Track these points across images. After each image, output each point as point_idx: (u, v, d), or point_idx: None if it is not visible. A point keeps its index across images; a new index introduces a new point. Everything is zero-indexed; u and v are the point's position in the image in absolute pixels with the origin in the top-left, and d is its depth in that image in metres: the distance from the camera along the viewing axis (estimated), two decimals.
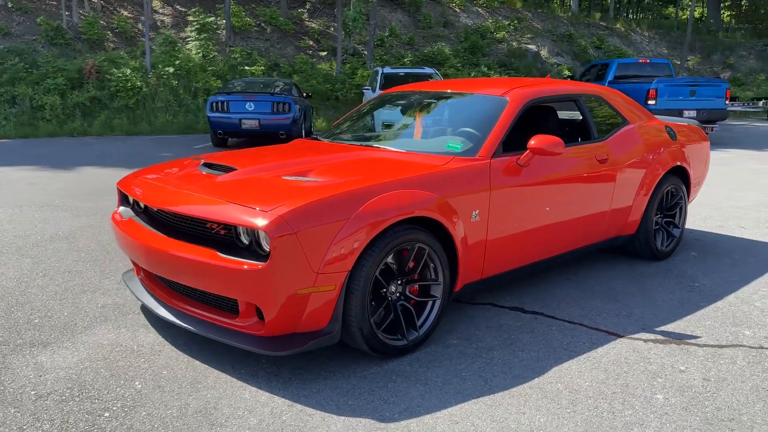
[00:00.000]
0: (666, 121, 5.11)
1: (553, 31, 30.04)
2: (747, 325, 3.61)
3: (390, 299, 3.12)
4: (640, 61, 14.92)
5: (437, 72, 14.80)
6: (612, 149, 4.32)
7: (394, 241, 2.99)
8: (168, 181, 3.36)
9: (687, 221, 6.03)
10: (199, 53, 19.91)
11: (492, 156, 3.58)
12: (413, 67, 16.59)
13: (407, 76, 14.57)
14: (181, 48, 19.70)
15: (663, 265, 4.75)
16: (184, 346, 3.26)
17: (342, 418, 2.59)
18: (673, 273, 4.57)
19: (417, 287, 3.25)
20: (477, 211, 3.40)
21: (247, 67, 19.90)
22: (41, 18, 19.27)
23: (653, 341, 3.38)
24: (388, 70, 14.52)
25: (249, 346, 2.85)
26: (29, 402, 2.68)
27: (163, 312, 3.22)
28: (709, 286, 4.27)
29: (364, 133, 4.33)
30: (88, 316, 3.65)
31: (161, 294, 3.37)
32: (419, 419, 2.59)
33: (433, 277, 3.25)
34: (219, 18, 22.15)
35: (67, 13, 20.33)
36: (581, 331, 3.51)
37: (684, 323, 3.63)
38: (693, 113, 12.42)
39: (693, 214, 6.51)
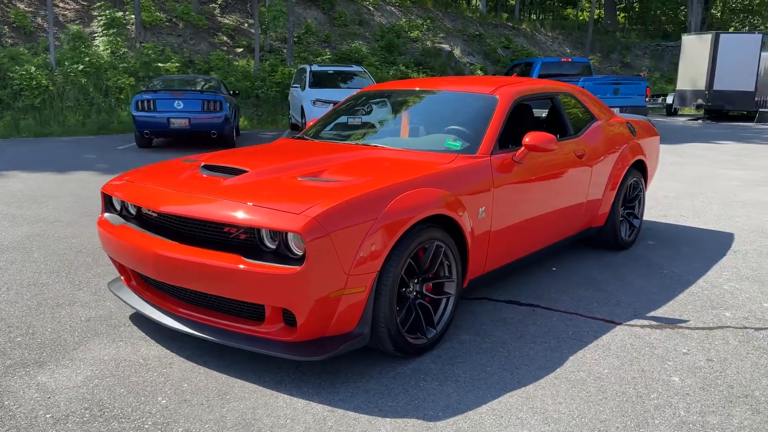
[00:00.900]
0: (623, 118, 5.38)
1: (464, 31, 30.80)
2: (724, 308, 3.87)
3: (410, 298, 3.11)
4: (562, 60, 15.60)
5: (366, 70, 14.83)
6: (586, 145, 4.50)
7: (416, 240, 2.98)
8: (171, 185, 3.18)
9: None
10: (108, 50, 18.95)
11: (491, 153, 3.65)
12: (342, 65, 16.52)
13: (336, 74, 14.52)
14: (90, 44, 18.66)
15: (628, 254, 5.00)
16: (194, 357, 3.12)
17: (388, 420, 2.56)
18: (641, 261, 4.82)
19: (431, 285, 3.26)
20: (483, 208, 3.45)
21: (161, 64, 19.13)
22: None
23: (649, 327, 3.56)
24: (316, 68, 14.39)
25: (280, 353, 2.77)
26: (48, 426, 2.48)
27: (172, 322, 3.06)
28: (678, 272, 4.54)
29: (355, 132, 4.28)
30: (75, 331, 3.41)
31: (164, 303, 3.21)
32: (464, 416, 2.60)
33: (447, 275, 3.27)
34: (128, 13, 21.14)
35: None
36: (580, 321, 3.64)
37: (669, 309, 3.84)
38: (617, 110, 13.11)
39: None
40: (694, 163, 10.43)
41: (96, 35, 19.38)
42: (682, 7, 39.54)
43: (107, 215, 3.51)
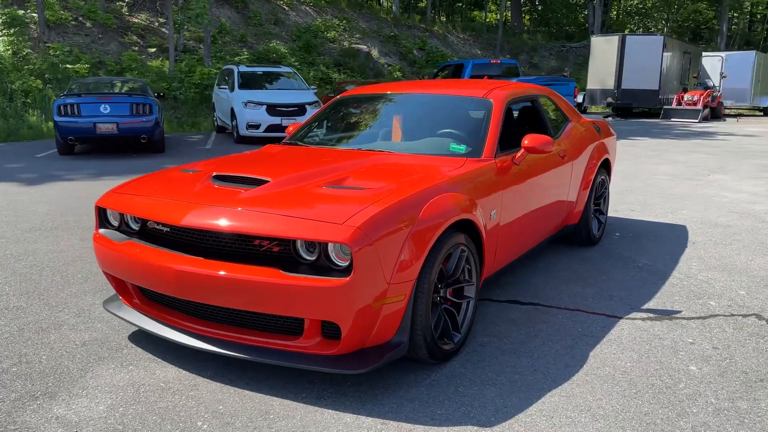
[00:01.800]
0: (587, 118, 5.59)
1: (379, 32, 30.99)
2: (707, 297, 4.09)
3: (439, 304, 3.10)
4: (492, 62, 16.02)
5: (295, 71, 14.63)
6: (565, 145, 4.64)
7: (446, 245, 2.97)
8: (187, 197, 3.00)
9: None
10: (9, 50, 17.71)
11: (495, 156, 3.69)
12: (271, 66, 16.20)
13: (265, 74, 14.25)
14: None
15: (600, 249, 5.20)
16: (218, 376, 2.96)
17: (445, 428, 2.54)
18: (614, 256, 5.03)
19: (452, 289, 3.26)
20: (495, 210, 3.49)
21: (69, 66, 18.08)
22: None
23: (648, 319, 3.72)
24: (244, 68, 14.06)
25: (323, 367, 2.68)
26: None
27: (194, 341, 2.89)
28: (651, 265, 4.77)
29: (352, 137, 4.19)
30: (74, 356, 3.16)
31: (179, 322, 3.03)
32: (516, 419, 2.62)
33: (467, 278, 3.28)
34: (30, 11, 19.81)
35: None
36: (584, 316, 3.75)
37: (659, 301, 4.02)
38: None
39: None
40: (621, 160, 10.99)
41: None
42: (582, 11, 41.62)
43: (104, 231, 3.28)
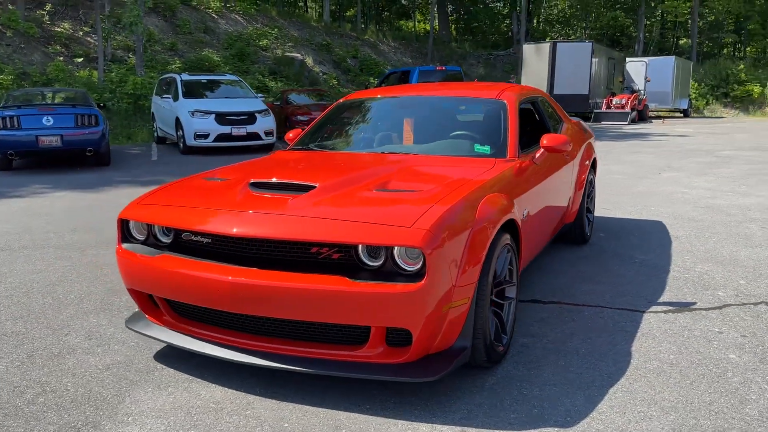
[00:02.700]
0: (573, 119, 5.70)
1: (311, 40, 30.82)
2: (714, 288, 4.23)
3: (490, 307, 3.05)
4: (437, 69, 16.19)
5: (241, 79, 14.31)
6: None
7: (498, 246, 2.93)
8: (231, 206, 2.82)
9: None
10: None
11: (518, 156, 3.69)
12: (215, 74, 15.77)
13: (210, 82, 13.86)
14: None
15: (592, 247, 5.30)
16: (269, 393, 2.80)
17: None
18: (608, 253, 5.13)
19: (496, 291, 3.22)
20: (527, 209, 3.49)
21: None
22: None
23: (669, 312, 3.80)
24: (187, 77, 13.62)
25: (394, 376, 2.57)
26: None
27: (248, 358, 2.72)
28: (648, 260, 4.90)
29: (368, 140, 4.08)
30: (103, 382, 2.92)
31: (223, 337, 2.85)
32: (592, 418, 2.60)
33: (509, 279, 3.25)
34: None
35: None
36: (609, 312, 3.79)
37: (671, 294, 4.12)
38: None
39: None
40: None
41: None
42: (505, 20, 42.89)
43: (128, 246, 3.05)
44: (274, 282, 2.57)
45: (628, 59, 26.54)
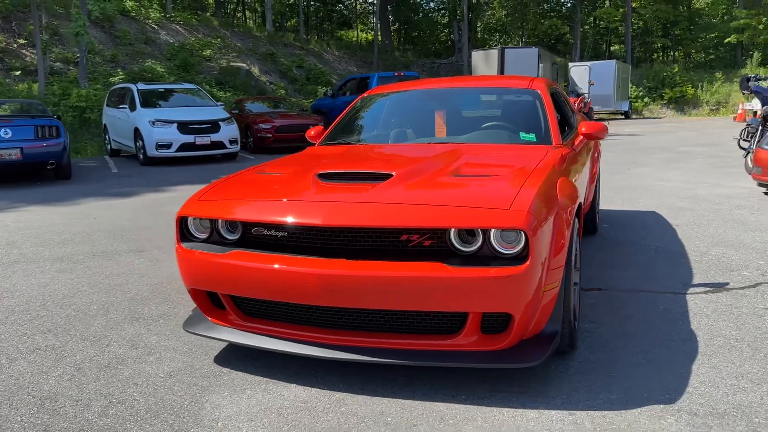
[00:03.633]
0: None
1: (255, 50, 30.42)
2: (737, 269, 4.34)
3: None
4: (396, 74, 16.22)
5: (200, 87, 13.95)
6: None
7: (574, 230, 2.92)
8: (307, 197, 2.70)
9: None
10: None
11: (562, 142, 3.70)
12: (172, 83, 15.30)
13: (167, 91, 13.46)
14: None
15: (602, 238, 5.38)
16: (355, 388, 2.69)
17: (635, 410, 2.46)
18: (621, 242, 5.22)
19: None
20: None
21: None
22: None
23: (709, 292, 3.87)
24: (143, 86, 13.17)
25: (499, 363, 2.51)
26: None
27: (336, 354, 2.60)
28: (664, 247, 5.00)
29: (407, 133, 3.99)
30: (173, 390, 2.73)
31: (303, 334, 2.71)
32: (688, 393, 2.59)
33: (576, 264, 3.24)
34: None
35: None
36: (653, 296, 3.83)
37: (701, 276, 4.20)
38: None
39: None
40: None
41: None
42: (444, 30, 43.56)
43: (188, 245, 2.86)
44: (367, 272, 2.46)
45: (571, 64, 27.33)
